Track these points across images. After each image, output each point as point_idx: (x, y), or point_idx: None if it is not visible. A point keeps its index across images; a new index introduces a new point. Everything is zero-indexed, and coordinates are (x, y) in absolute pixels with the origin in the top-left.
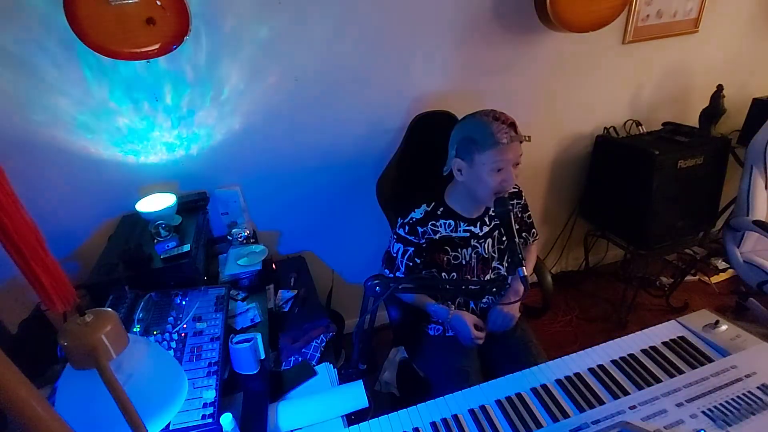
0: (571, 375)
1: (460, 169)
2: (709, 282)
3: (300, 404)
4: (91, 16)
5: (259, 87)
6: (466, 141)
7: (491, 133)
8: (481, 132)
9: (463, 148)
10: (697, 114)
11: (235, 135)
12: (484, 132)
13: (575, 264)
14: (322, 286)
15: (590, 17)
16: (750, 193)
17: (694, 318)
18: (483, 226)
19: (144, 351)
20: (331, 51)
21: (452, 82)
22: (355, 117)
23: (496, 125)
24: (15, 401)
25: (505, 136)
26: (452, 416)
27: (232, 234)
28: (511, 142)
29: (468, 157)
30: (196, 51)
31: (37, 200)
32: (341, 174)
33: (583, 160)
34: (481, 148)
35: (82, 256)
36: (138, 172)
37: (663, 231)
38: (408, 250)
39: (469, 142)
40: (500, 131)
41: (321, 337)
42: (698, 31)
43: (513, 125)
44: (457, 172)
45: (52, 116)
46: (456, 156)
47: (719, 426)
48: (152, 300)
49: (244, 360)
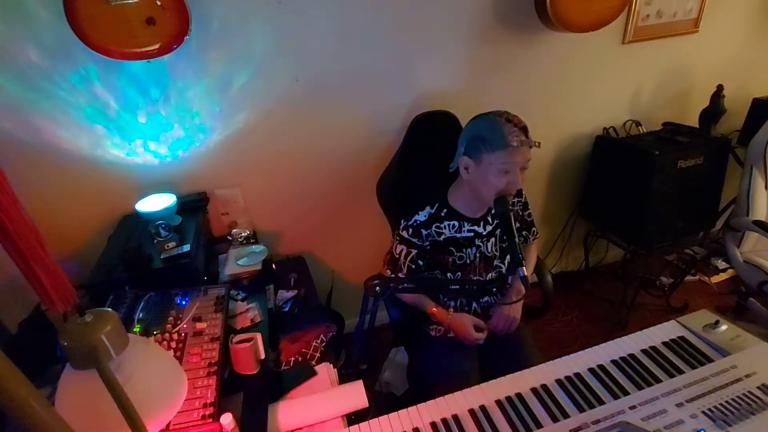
0: (571, 375)
1: (467, 167)
2: (709, 282)
3: (300, 404)
4: (91, 16)
5: (259, 87)
6: (477, 139)
7: (502, 134)
8: (492, 132)
9: (473, 146)
10: (697, 114)
11: (235, 135)
12: (495, 132)
13: (575, 264)
14: (322, 286)
15: (590, 17)
16: (750, 193)
17: (694, 318)
18: (486, 225)
19: (144, 351)
20: (331, 51)
21: (452, 82)
22: (355, 117)
23: (509, 127)
24: (15, 401)
25: (516, 138)
26: (452, 416)
27: (232, 234)
28: (521, 145)
29: (476, 156)
30: (196, 51)
31: (37, 200)
32: (341, 174)
33: (583, 160)
34: (491, 148)
35: (82, 256)
36: (138, 172)
37: (663, 231)
38: (411, 252)
39: (479, 140)
40: (512, 133)
41: (321, 337)
42: (698, 31)
43: (525, 129)
44: (463, 170)
45: (52, 116)
46: (464, 153)
47: (719, 426)
48: (152, 300)
49: (244, 360)
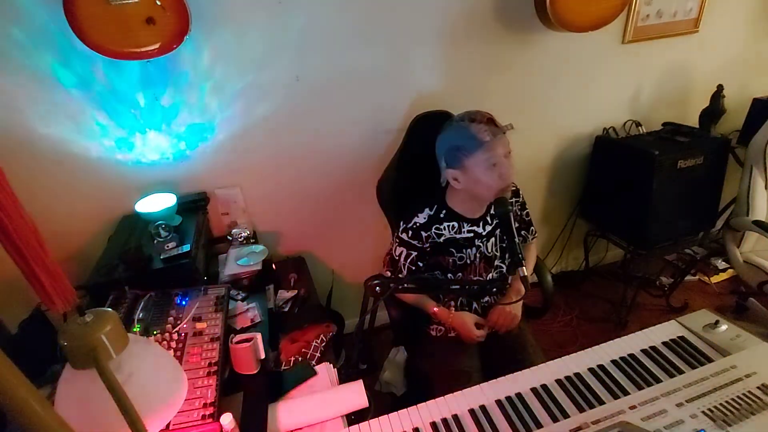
0: (571, 375)
1: (456, 178)
2: (709, 282)
3: (300, 404)
4: (91, 16)
5: (259, 87)
6: (452, 150)
7: (472, 136)
8: (462, 137)
9: (452, 158)
10: (697, 114)
11: (235, 135)
12: (464, 136)
13: (575, 264)
14: (322, 286)
15: (590, 17)
16: (750, 193)
17: (694, 318)
18: (485, 225)
19: (144, 351)
20: (332, 51)
21: (452, 83)
22: (355, 117)
23: (474, 126)
24: (15, 401)
25: (486, 133)
26: (452, 416)
27: (232, 234)
28: (494, 137)
29: (459, 165)
30: (197, 51)
31: (37, 200)
32: (341, 174)
33: (582, 160)
34: (468, 152)
35: (82, 256)
36: (138, 172)
37: (663, 231)
38: (411, 254)
39: (454, 150)
40: (480, 131)
41: (321, 337)
42: (698, 31)
43: (491, 121)
44: (454, 182)
45: (52, 116)
46: (447, 167)
47: (719, 426)
48: (152, 300)
49: (244, 360)
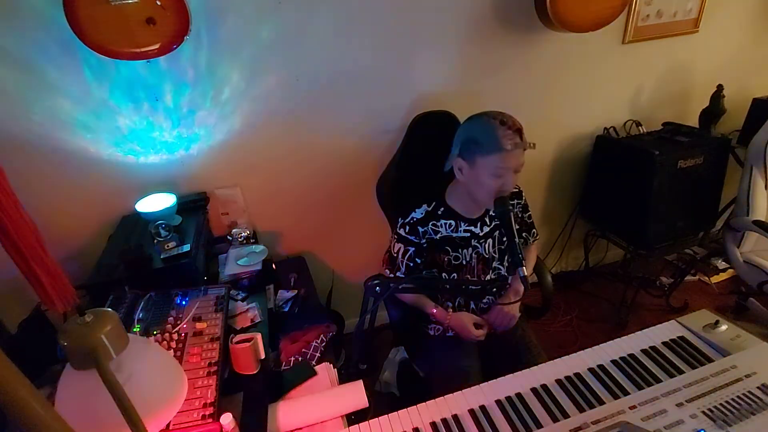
0: (571, 375)
1: (461, 169)
2: (709, 282)
3: (300, 404)
4: (91, 16)
5: (259, 87)
6: (470, 142)
7: (497, 138)
8: (486, 135)
9: (467, 149)
10: (697, 114)
11: (235, 135)
12: (489, 135)
13: (575, 264)
14: (322, 286)
15: (590, 17)
16: (750, 193)
17: (694, 318)
18: (483, 226)
19: (144, 351)
20: (331, 51)
21: (452, 82)
22: (355, 117)
23: (503, 130)
24: (15, 401)
25: (510, 142)
26: (452, 416)
27: (232, 234)
28: (515, 148)
29: (470, 158)
30: (197, 51)
31: (37, 200)
32: (341, 174)
33: (583, 160)
34: (485, 151)
35: (82, 256)
36: (138, 172)
37: (663, 231)
38: (408, 250)
39: (472, 143)
40: (506, 137)
41: (321, 337)
42: (698, 31)
43: (519, 131)
44: (457, 171)
45: (53, 116)
46: (458, 155)
47: (719, 426)
48: (152, 300)
49: (244, 360)
